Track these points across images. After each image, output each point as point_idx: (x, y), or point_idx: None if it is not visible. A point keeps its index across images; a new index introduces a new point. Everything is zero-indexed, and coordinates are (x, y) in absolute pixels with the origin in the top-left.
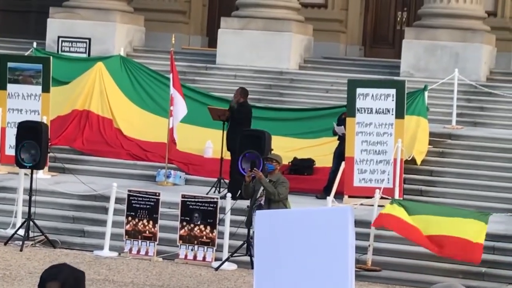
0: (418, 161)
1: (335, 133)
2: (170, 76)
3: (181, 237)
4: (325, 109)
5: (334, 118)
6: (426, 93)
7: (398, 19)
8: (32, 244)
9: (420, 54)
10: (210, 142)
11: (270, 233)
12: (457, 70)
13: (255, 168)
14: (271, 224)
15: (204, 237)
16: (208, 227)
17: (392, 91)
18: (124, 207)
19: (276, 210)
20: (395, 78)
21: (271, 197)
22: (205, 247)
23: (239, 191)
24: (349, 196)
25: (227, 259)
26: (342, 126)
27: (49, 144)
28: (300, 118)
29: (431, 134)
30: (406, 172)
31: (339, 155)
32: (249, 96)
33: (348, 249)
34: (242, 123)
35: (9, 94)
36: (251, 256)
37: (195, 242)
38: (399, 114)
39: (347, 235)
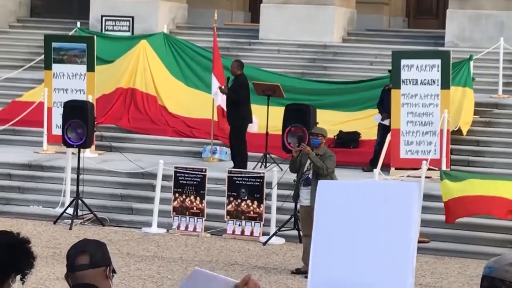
0: (464, 132)
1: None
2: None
3: (228, 212)
4: (369, 81)
5: (379, 89)
6: (471, 63)
7: None
8: (81, 223)
9: (464, 24)
10: (255, 117)
11: (331, 203)
12: (503, 39)
13: (302, 143)
14: (334, 194)
15: (251, 212)
16: (255, 202)
17: (437, 62)
18: (171, 184)
19: (340, 181)
20: (440, 48)
21: (319, 172)
22: (253, 222)
23: (238, 161)
24: (396, 168)
25: (275, 234)
26: (379, 116)
27: (95, 123)
28: (345, 91)
29: (477, 104)
30: (453, 142)
31: (384, 127)
32: (293, 70)
33: (412, 226)
34: (239, 99)
35: (54, 74)
36: (298, 230)
37: (243, 217)
38: (445, 85)
39: (412, 211)
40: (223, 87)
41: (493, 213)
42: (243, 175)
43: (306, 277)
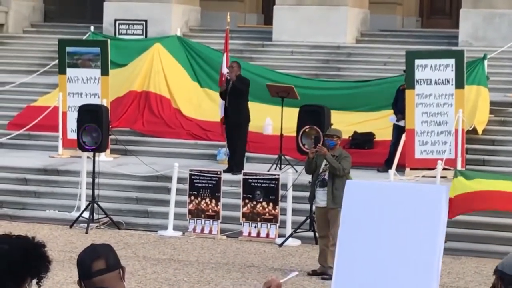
0: (480, 131)
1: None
2: (224, 55)
3: (244, 214)
4: (383, 79)
5: (393, 90)
6: (485, 62)
7: None
8: (97, 226)
9: (478, 23)
10: (270, 119)
11: (359, 205)
12: None
13: (319, 144)
14: (361, 196)
15: (267, 214)
16: (271, 204)
17: (451, 61)
18: (186, 186)
19: (368, 182)
20: (454, 48)
21: (335, 173)
22: (268, 224)
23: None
24: (411, 169)
25: (290, 235)
26: (394, 116)
27: (110, 126)
28: (359, 91)
29: (492, 103)
30: (468, 142)
31: (399, 127)
32: (307, 72)
33: (439, 228)
34: (242, 96)
35: (68, 78)
36: (314, 231)
37: (258, 219)
38: (459, 84)
39: (440, 213)
40: (224, 80)
41: (493, 206)
42: (258, 177)
43: (322, 278)
